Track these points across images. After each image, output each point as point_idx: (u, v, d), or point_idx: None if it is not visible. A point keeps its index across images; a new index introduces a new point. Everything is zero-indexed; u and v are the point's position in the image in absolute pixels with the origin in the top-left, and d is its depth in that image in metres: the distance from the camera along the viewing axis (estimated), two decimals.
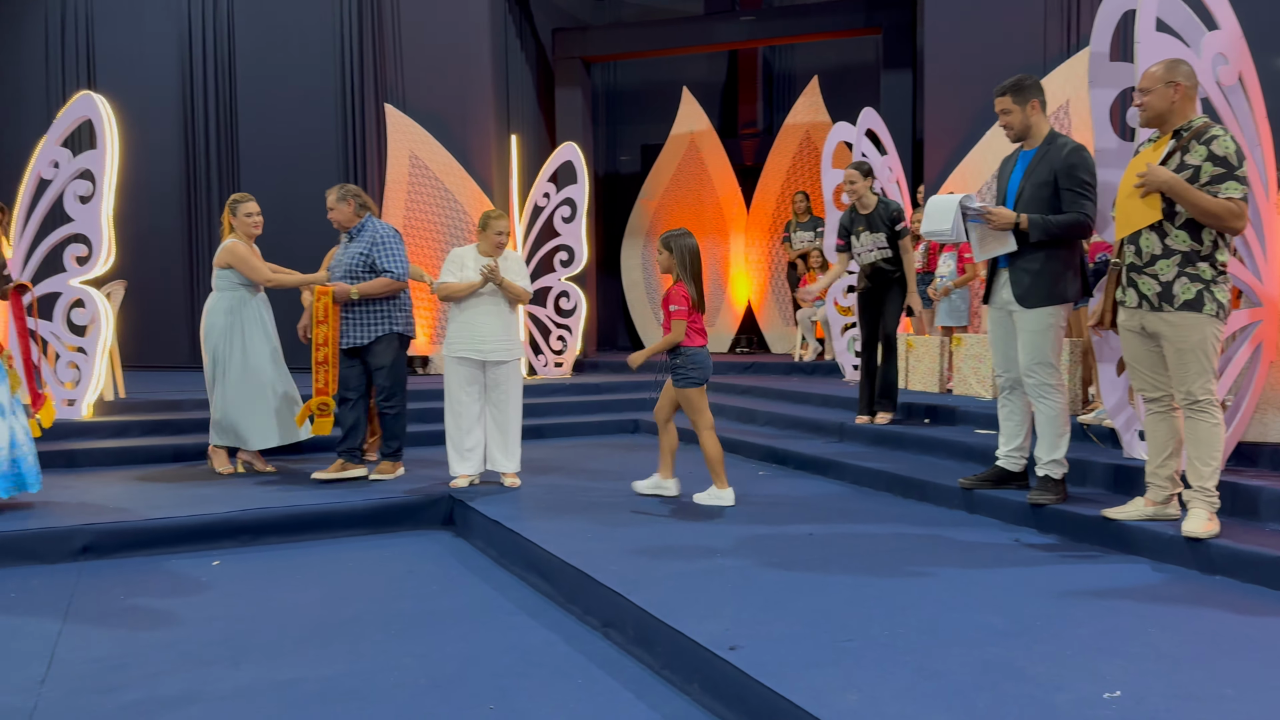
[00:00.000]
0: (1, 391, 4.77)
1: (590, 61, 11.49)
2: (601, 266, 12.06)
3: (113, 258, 6.92)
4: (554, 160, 9.84)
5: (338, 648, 3.34)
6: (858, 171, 6.34)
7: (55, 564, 4.45)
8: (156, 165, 11.07)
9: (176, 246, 11.19)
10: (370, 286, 5.53)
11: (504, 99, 10.41)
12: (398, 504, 5.16)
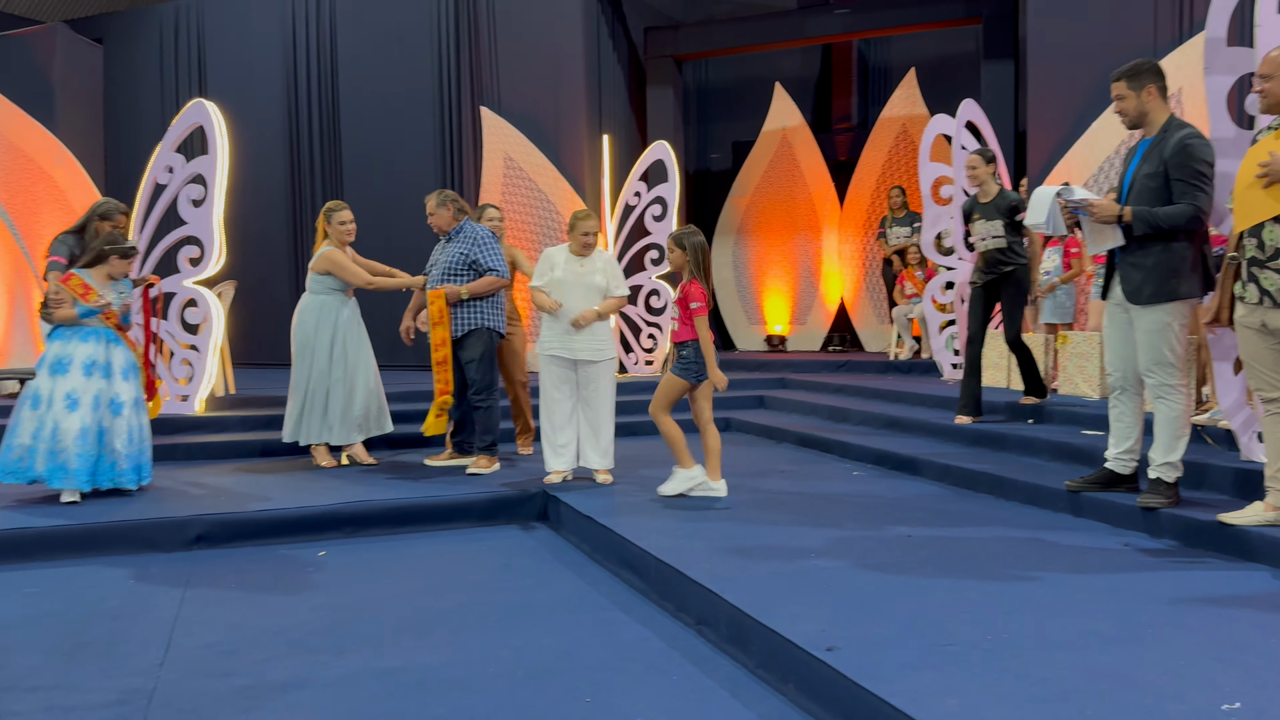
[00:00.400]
0: (138, 389, 5.21)
1: (682, 60, 11.50)
2: None
3: (223, 259, 7.20)
4: (645, 159, 9.88)
5: (438, 637, 3.42)
6: (980, 158, 6.31)
7: (171, 552, 4.65)
8: (263, 170, 11.48)
9: (282, 248, 11.60)
10: (478, 285, 5.76)
11: (596, 99, 10.49)
12: (494, 498, 5.25)
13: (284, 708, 2.82)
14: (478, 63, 10.68)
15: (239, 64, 11.73)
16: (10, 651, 3.30)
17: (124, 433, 5.09)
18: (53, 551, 4.52)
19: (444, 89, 10.84)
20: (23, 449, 4.95)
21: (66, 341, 5.07)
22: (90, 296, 5.08)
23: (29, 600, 3.91)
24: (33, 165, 8.16)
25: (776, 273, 12.03)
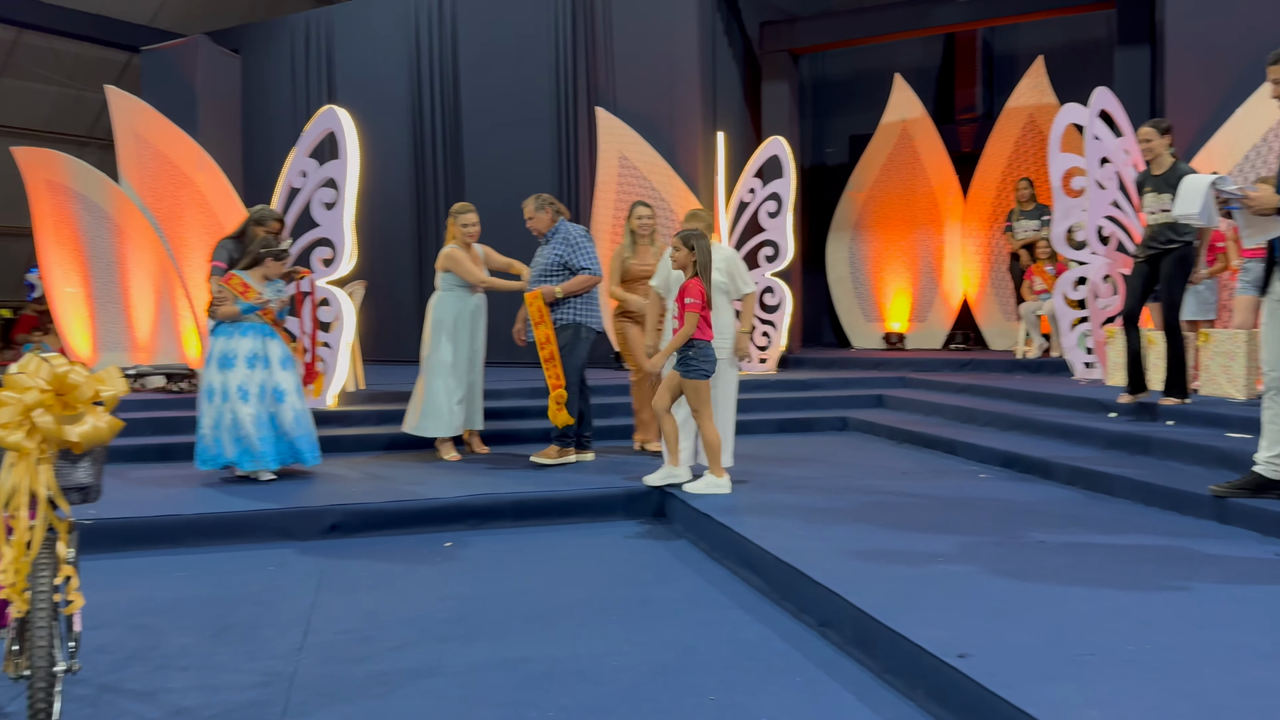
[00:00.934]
0: (296, 378, 5.67)
1: (798, 53, 11.35)
2: (807, 261, 11.89)
3: (354, 260, 7.47)
4: (760, 155, 9.80)
5: (562, 630, 3.47)
6: (1154, 129, 6.10)
7: (307, 541, 4.85)
8: (389, 173, 11.85)
9: (407, 249, 11.95)
10: (572, 284, 5.95)
11: (710, 96, 10.46)
12: (613, 494, 5.29)
13: (416, 694, 2.91)
14: (594, 64, 10.79)
15: (365, 71, 12.14)
16: (163, 632, 3.49)
17: (290, 416, 5.60)
18: (200, 538, 4.77)
19: (560, 91, 10.98)
20: (211, 439, 5.54)
21: (229, 338, 5.59)
22: (249, 294, 5.58)
23: (179, 584, 4.14)
24: (177, 172, 8.62)
25: (895, 268, 11.77)
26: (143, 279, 8.74)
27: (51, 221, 8.94)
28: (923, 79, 12.17)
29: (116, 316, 8.91)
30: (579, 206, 10.83)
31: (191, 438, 6.65)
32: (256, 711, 2.78)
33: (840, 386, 8.66)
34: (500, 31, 11.30)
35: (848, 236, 12.05)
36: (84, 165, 8.76)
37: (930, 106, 11.84)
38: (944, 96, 12.32)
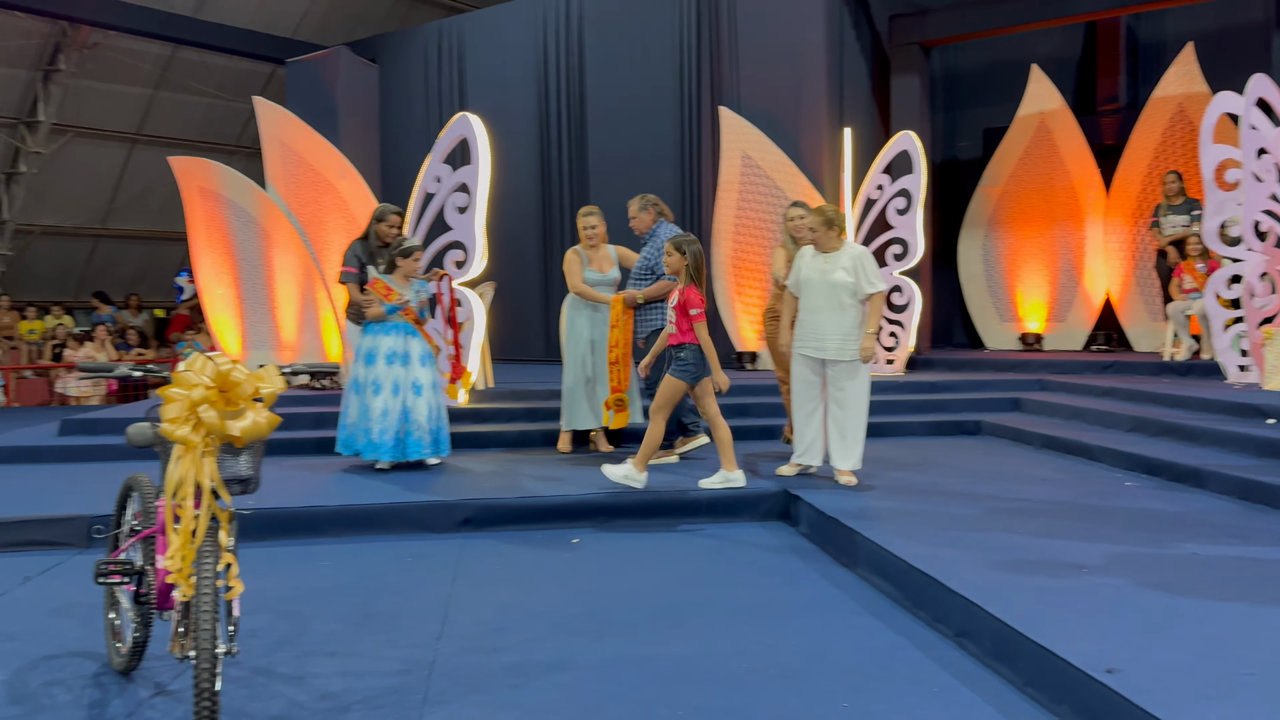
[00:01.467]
0: (432, 374, 5.99)
1: (929, 46, 11.05)
2: (937, 259, 11.57)
3: (485, 262, 7.66)
4: (889, 151, 9.59)
5: (689, 629, 3.47)
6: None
7: (441, 533, 5.00)
8: (517, 177, 12.09)
9: (533, 250, 12.19)
10: (651, 290, 6.06)
11: (837, 92, 10.29)
12: (737, 495, 5.27)
13: (550, 687, 2.97)
14: (718, 63, 10.77)
15: (495, 77, 12.43)
16: (310, 619, 3.66)
17: (423, 411, 5.90)
18: (342, 528, 4.98)
19: (684, 91, 11.00)
20: (351, 426, 5.95)
21: (374, 336, 5.96)
22: (392, 296, 5.92)
23: (323, 573, 4.33)
24: (320, 178, 9.02)
25: (1032, 266, 11.33)
26: (287, 281, 9.17)
27: (204, 226, 9.48)
28: (1062, 69, 11.67)
29: (263, 316, 9.38)
30: (701, 207, 10.83)
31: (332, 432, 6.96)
32: (398, 698, 2.88)
33: (973, 389, 8.40)
34: (625, 34, 11.39)
35: (981, 233, 11.66)
36: (234, 173, 9.25)
37: (1070, 98, 11.34)
38: (1084, 87, 11.79)
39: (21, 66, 14.08)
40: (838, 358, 5.30)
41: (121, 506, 3.13)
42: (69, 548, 4.75)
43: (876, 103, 10.96)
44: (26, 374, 12.68)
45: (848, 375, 5.31)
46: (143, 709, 2.83)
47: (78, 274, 16.81)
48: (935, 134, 11.96)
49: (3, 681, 3.04)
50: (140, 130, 15.84)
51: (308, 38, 15.53)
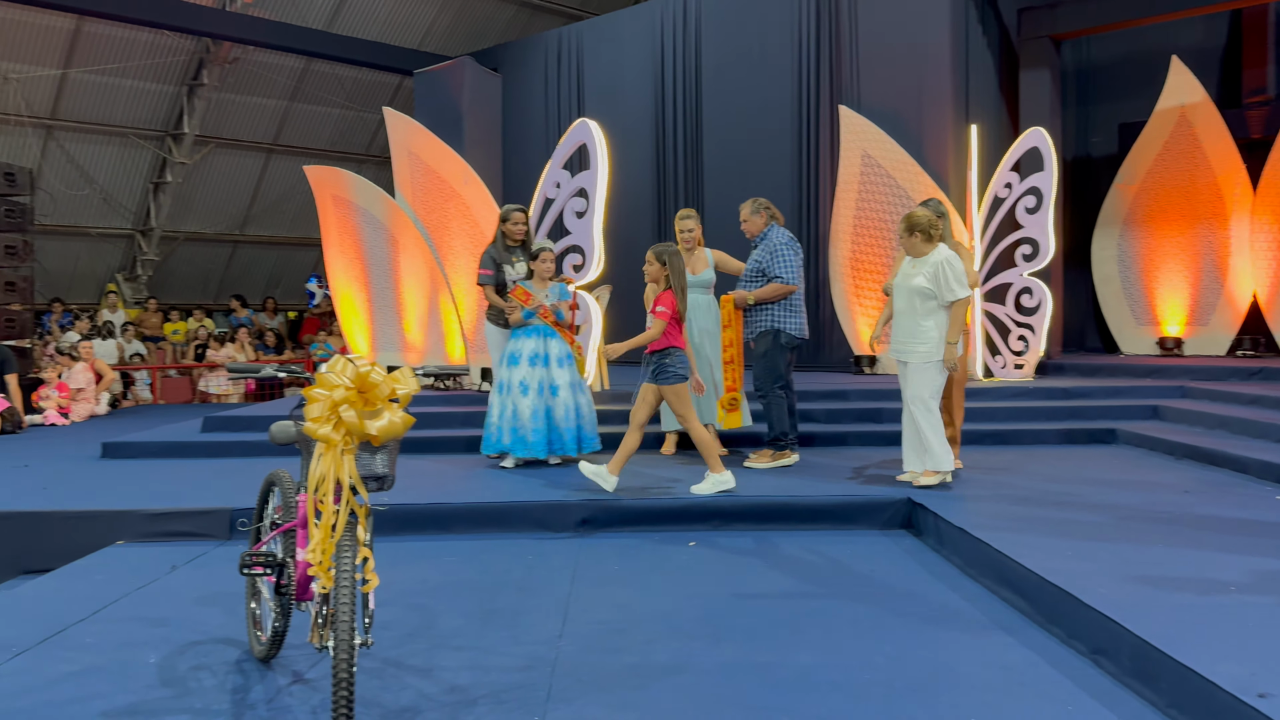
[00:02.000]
0: (573, 374, 6.23)
1: (1060, 39, 10.65)
2: (1069, 260, 11.13)
3: (602, 265, 7.74)
4: (1017, 148, 9.27)
5: (810, 638, 3.43)
6: None
7: (560, 533, 5.08)
8: (632, 181, 12.19)
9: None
10: (762, 292, 6.07)
11: (963, 88, 10.01)
12: (858, 502, 5.18)
13: (670, 689, 2.97)
14: (837, 62, 10.62)
15: (612, 82, 12.55)
16: (437, 613, 3.76)
17: (561, 409, 6.14)
18: (466, 525, 5.11)
19: (803, 91, 10.88)
20: (495, 427, 6.17)
21: (516, 339, 6.23)
22: (531, 301, 6.14)
23: (448, 568, 4.44)
24: (445, 185, 9.27)
25: (1172, 267, 10.77)
26: (414, 285, 9.47)
27: (336, 232, 9.87)
28: (1204, 60, 11.07)
29: (391, 319, 9.70)
30: (818, 208, 10.69)
31: (457, 431, 7.16)
32: (523, 694, 2.93)
33: (1108, 395, 8.04)
34: (743, 36, 11.35)
35: (1116, 232, 11.16)
36: (364, 181, 9.60)
37: (1213, 90, 10.75)
38: (1229, 79, 11.15)
39: (169, 82, 14.95)
40: (903, 358, 5.36)
41: (264, 501, 3.29)
42: (212, 539, 5.01)
43: (1004, 98, 10.63)
44: (171, 373, 13.44)
45: (912, 375, 5.33)
46: (281, 696, 2.95)
47: (218, 278, 17.74)
48: (1067, 130, 11.53)
49: (154, 664, 3.23)
50: (276, 141, 16.60)
51: (433, 49, 16.01)
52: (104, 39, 13.81)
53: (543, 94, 13.26)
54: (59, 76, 13.91)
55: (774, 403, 6.11)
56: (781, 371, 6.11)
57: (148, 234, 16.18)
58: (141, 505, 5.15)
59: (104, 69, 14.08)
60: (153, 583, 4.25)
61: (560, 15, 17.09)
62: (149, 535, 5.02)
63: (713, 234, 11.16)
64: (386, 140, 9.94)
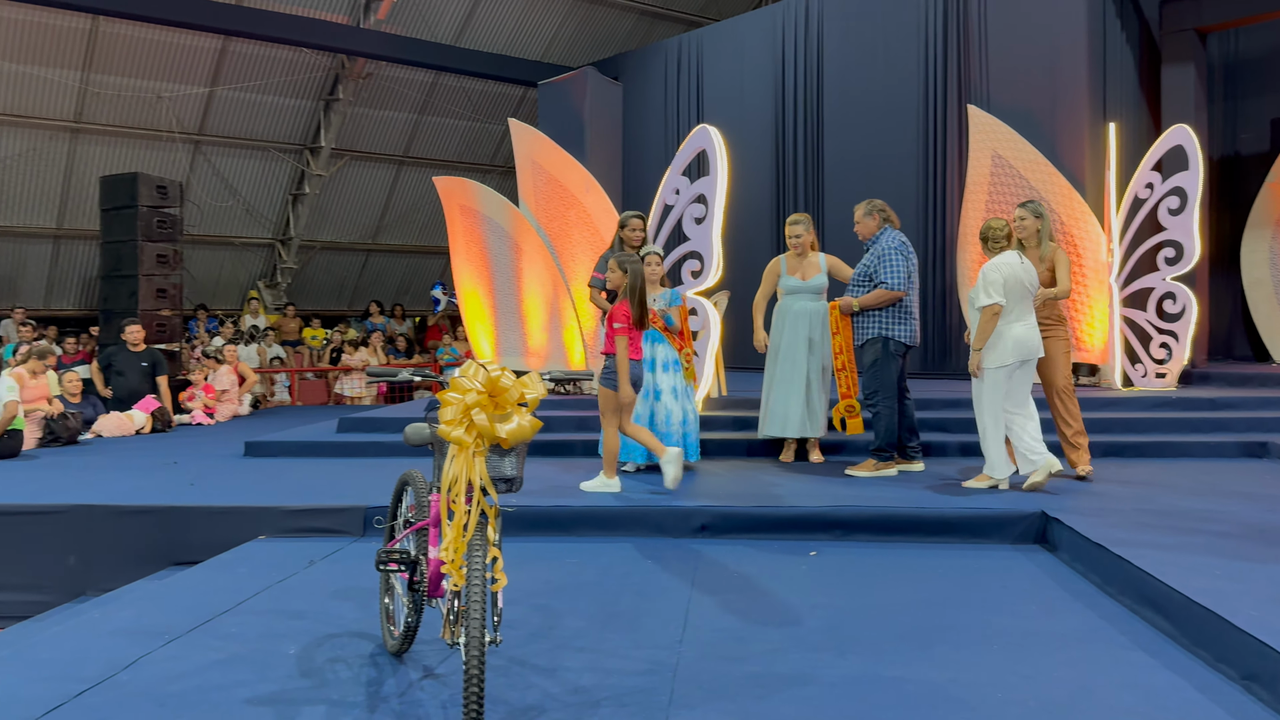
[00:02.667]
0: (679, 380, 6.17)
1: (1205, 31, 10.09)
2: (1216, 263, 10.54)
3: (720, 271, 7.73)
4: (1159, 146, 8.83)
5: (938, 653, 3.34)
6: None
7: (679, 538, 5.09)
8: (752, 185, 12.13)
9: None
10: (868, 298, 5.97)
11: (1099, 85, 9.60)
12: (989, 515, 5.01)
13: (794, 700, 2.94)
14: (965, 60, 10.33)
15: (732, 88, 12.53)
16: (560, 614, 3.82)
17: (662, 414, 6.12)
18: (585, 528, 5.17)
19: (929, 91, 10.63)
20: None
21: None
22: None
23: (569, 570, 4.50)
24: (566, 194, 9.43)
25: None
26: (536, 291, 9.65)
27: (463, 241, 10.15)
28: None
29: (514, 325, 9.91)
30: (946, 210, 10.42)
31: (574, 435, 7.26)
32: (645, 698, 2.95)
33: (1258, 406, 7.57)
34: (866, 37, 11.16)
35: (1268, 234, 10.50)
36: (490, 190, 9.84)
37: None
38: None
39: (306, 98, 15.66)
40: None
41: (397, 499, 3.40)
42: (347, 535, 5.22)
43: (1145, 95, 10.14)
44: (309, 376, 14.06)
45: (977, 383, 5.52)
46: (413, 690, 3.05)
47: (351, 285, 18.47)
48: (1213, 127, 10.92)
49: (294, 655, 3.38)
50: (406, 153, 17.19)
51: (556, 60, 16.30)
52: (247, 58, 14.57)
53: (662, 101, 13.34)
54: (206, 94, 14.74)
55: (882, 412, 5.98)
56: (891, 379, 5.97)
57: (287, 243, 16.98)
58: (281, 502, 5.40)
59: (247, 86, 14.85)
60: (291, 576, 4.45)
61: (681, 22, 17.17)
62: (288, 531, 5.26)
63: (834, 238, 11.03)
64: (510, 150, 10.18)
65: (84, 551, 5.32)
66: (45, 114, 13.73)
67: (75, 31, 13.14)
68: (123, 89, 13.96)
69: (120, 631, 3.68)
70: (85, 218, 14.45)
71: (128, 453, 7.89)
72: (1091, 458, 5.95)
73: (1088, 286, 8.70)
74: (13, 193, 14.15)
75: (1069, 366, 5.90)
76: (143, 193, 10.88)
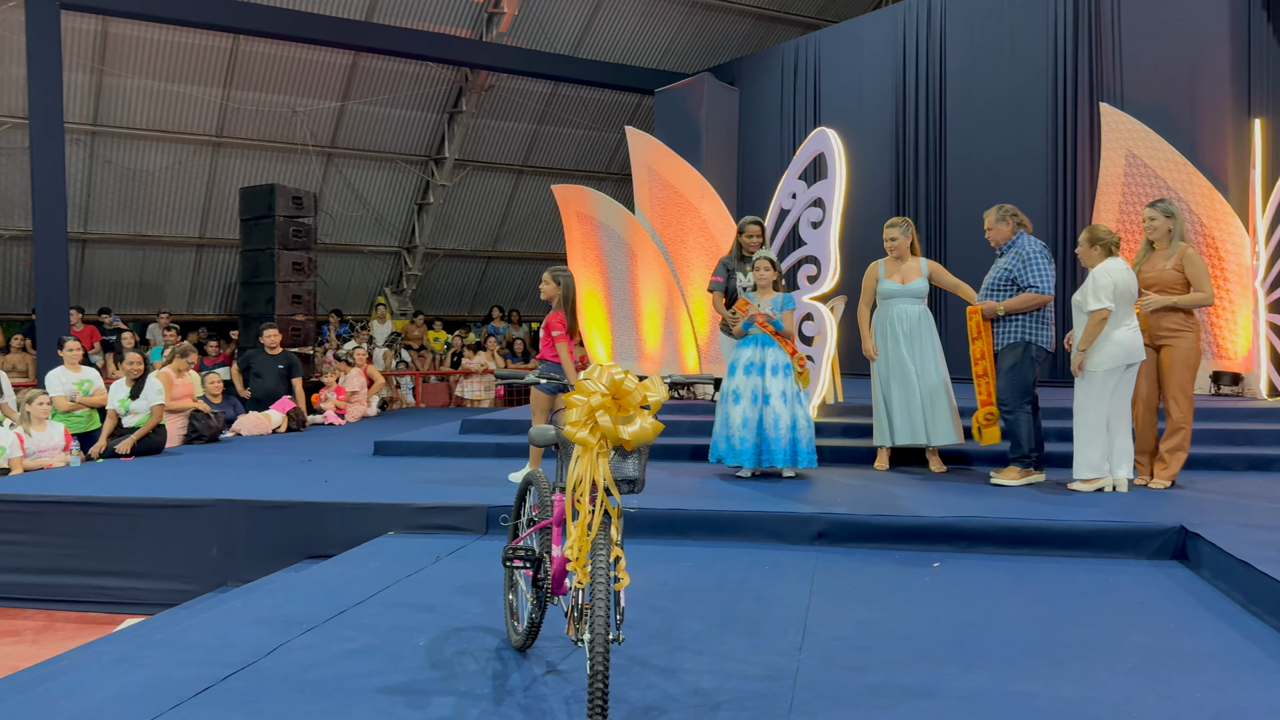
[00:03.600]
0: (790, 385, 6.10)
1: None
2: None
3: (838, 276, 7.64)
4: None
5: (1070, 670, 3.22)
6: None
7: (796, 545, 5.05)
8: (871, 188, 11.94)
9: None
10: (1014, 302, 5.80)
11: (1244, 79, 9.11)
12: (1123, 529, 4.81)
13: (918, 712, 2.89)
14: (1098, 58, 9.95)
15: (851, 91, 12.37)
16: (678, 616, 3.85)
17: (770, 419, 6.08)
18: (701, 532, 5.19)
19: (1058, 90, 10.28)
20: (717, 434, 6.26)
21: (738, 348, 6.31)
22: (747, 310, 6.18)
23: (686, 573, 4.53)
24: (682, 200, 9.48)
25: None
26: (651, 297, 9.73)
27: (580, 247, 10.31)
28: None
29: (629, 330, 10.01)
30: (1076, 211, 10.05)
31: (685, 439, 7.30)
32: (765, 703, 2.94)
33: None
34: (991, 35, 10.87)
35: None
36: (606, 198, 9.98)
37: None
38: None
39: (431, 110, 16.18)
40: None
41: (521, 499, 3.49)
42: (471, 533, 5.37)
43: None
44: (431, 379, 14.50)
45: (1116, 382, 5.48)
46: (537, 685, 3.12)
47: (472, 291, 18.99)
48: None
49: (423, 647, 3.50)
50: (525, 162, 17.58)
51: (673, 67, 16.41)
52: (376, 73, 15.16)
53: (779, 105, 13.27)
54: (338, 108, 15.39)
55: (1021, 418, 5.84)
56: (1029, 385, 5.86)
57: (412, 251, 17.58)
58: (409, 499, 5.60)
59: (376, 100, 15.45)
60: (419, 571, 4.61)
61: (798, 25, 17.06)
62: (415, 527, 5.45)
63: (958, 243, 10.78)
64: (626, 158, 10.29)
65: (226, 544, 5.63)
66: (190, 129, 14.58)
67: (217, 50, 13.92)
68: (260, 104, 14.71)
69: (262, 620, 3.87)
70: (226, 227, 15.28)
71: (265, 451, 8.30)
72: (1202, 471, 6.04)
73: (1230, 291, 8.27)
74: (160, 204, 15.08)
75: (1190, 374, 5.70)
76: (279, 203, 11.43)
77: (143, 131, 14.23)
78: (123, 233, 15.00)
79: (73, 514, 5.82)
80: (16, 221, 13.73)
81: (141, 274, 15.58)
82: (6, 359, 12.12)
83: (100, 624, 5.40)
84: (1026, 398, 5.84)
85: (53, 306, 10.78)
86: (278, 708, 2.95)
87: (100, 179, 14.37)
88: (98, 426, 8.28)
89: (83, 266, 14.93)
